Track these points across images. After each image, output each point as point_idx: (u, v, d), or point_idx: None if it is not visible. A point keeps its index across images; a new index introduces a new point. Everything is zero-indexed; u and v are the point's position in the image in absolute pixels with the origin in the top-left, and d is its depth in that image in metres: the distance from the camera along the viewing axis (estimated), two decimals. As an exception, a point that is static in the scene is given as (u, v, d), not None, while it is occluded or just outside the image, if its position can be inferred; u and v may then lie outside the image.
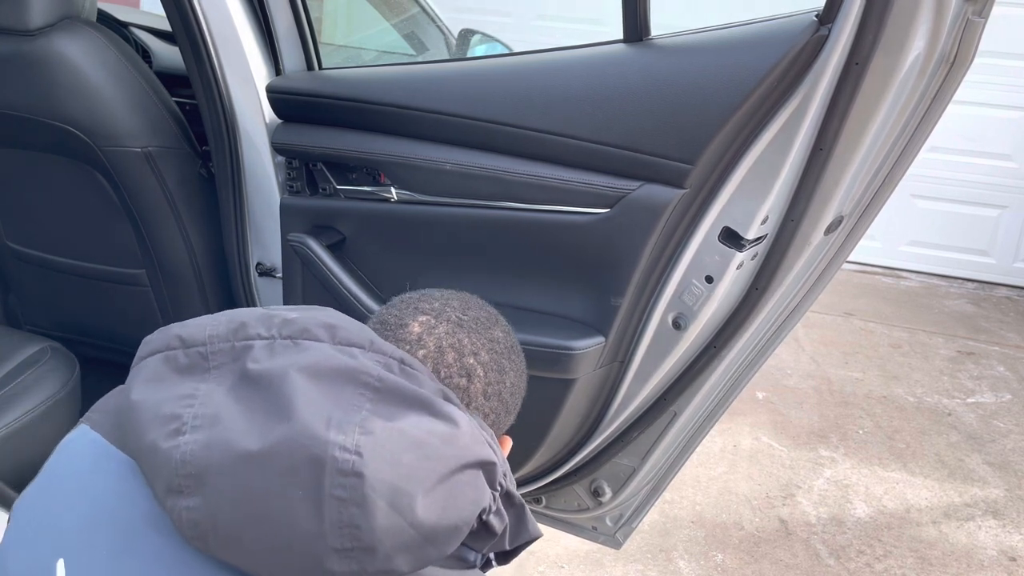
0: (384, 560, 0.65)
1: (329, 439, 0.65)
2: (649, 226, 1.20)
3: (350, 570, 0.65)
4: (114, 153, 1.59)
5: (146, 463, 0.71)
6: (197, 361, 0.74)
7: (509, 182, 1.29)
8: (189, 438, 0.68)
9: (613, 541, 1.69)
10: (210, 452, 0.67)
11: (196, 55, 1.50)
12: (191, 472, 0.67)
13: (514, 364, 0.89)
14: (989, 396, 3.50)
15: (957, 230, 4.84)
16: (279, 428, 0.66)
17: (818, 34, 1.05)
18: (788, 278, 1.26)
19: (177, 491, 0.67)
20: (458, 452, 0.69)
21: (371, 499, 0.64)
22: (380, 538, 0.65)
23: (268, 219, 1.58)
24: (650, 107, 1.16)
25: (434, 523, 0.67)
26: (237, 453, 0.66)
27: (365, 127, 1.41)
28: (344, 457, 0.65)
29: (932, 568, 2.41)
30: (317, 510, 0.64)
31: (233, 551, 0.66)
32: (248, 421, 0.68)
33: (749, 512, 2.60)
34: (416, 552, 0.67)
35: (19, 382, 1.56)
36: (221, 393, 0.71)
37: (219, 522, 0.66)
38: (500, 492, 0.74)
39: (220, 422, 0.68)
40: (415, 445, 0.67)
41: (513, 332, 0.93)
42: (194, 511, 0.66)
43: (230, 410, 0.69)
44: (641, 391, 1.38)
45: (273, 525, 0.65)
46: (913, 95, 1.10)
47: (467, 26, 2.29)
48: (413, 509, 0.66)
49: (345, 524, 0.64)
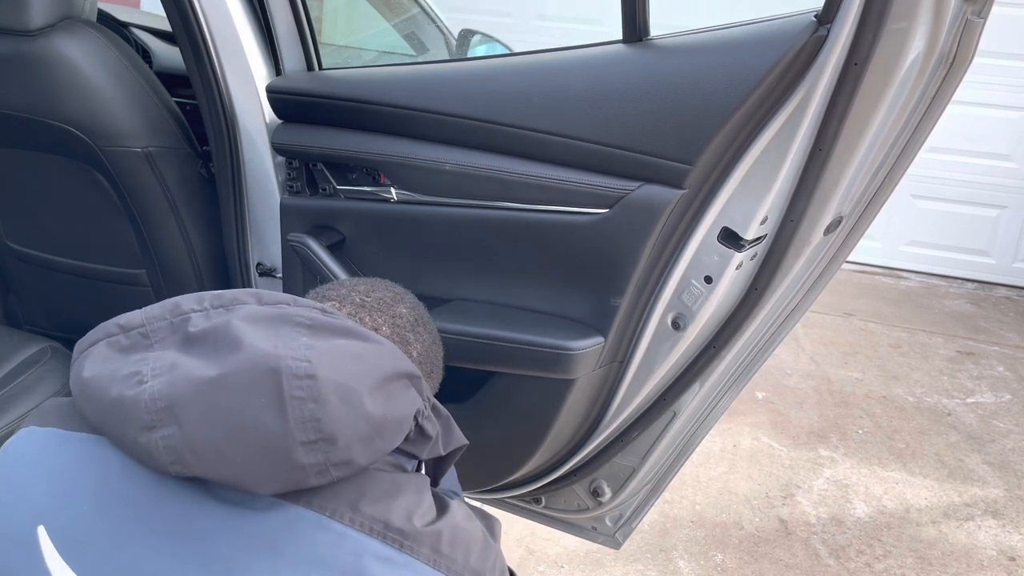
0: (345, 450, 0.74)
1: (280, 354, 0.74)
2: (648, 226, 1.20)
3: (317, 461, 0.73)
4: (114, 153, 1.59)
5: (112, 417, 0.76)
6: (138, 340, 0.81)
7: (509, 182, 1.29)
8: (152, 383, 0.75)
9: (613, 541, 1.69)
10: (175, 387, 0.74)
11: (196, 55, 1.50)
12: (161, 407, 0.74)
13: (419, 335, 0.99)
14: (989, 396, 3.50)
15: (957, 230, 4.85)
16: (233, 356, 0.75)
17: (817, 34, 1.05)
18: (787, 278, 1.26)
19: (150, 427, 0.74)
20: (389, 363, 0.80)
21: (325, 395, 0.73)
22: (339, 428, 0.73)
23: (268, 219, 1.58)
24: (649, 107, 1.16)
25: (381, 415, 0.76)
26: (200, 380, 0.74)
27: (365, 127, 1.41)
28: (297, 364, 0.74)
29: (932, 568, 2.41)
30: (281, 410, 0.72)
31: (213, 465, 0.73)
32: (203, 361, 0.76)
33: (749, 512, 2.60)
34: (369, 443, 0.76)
35: (19, 382, 1.56)
36: (171, 352, 0.78)
37: (196, 441, 0.73)
38: (428, 404, 0.85)
39: (177, 367, 0.76)
40: (353, 356, 0.78)
41: (421, 307, 1.05)
42: (170, 438, 0.73)
43: (183, 358, 0.77)
44: (641, 391, 1.38)
45: (245, 432, 0.72)
46: (912, 95, 1.11)
47: (467, 26, 2.29)
48: (362, 403, 0.75)
49: (307, 419, 0.73)
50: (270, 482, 0.73)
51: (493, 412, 1.42)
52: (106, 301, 1.88)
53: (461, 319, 1.35)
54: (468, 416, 1.44)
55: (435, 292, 1.42)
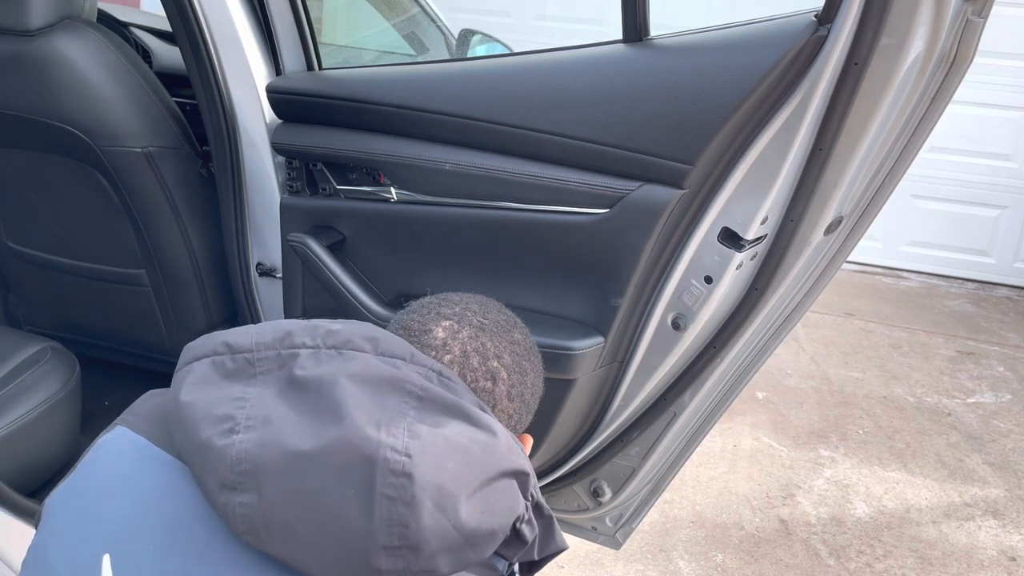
0: (428, 559, 0.68)
1: (381, 440, 0.68)
2: (648, 226, 1.20)
3: (396, 568, 0.68)
4: (114, 153, 1.59)
5: (197, 460, 0.72)
6: (243, 366, 0.76)
7: (509, 182, 1.29)
8: (243, 436, 0.70)
9: (613, 541, 1.69)
10: (264, 450, 0.69)
11: (196, 55, 1.50)
12: (246, 469, 0.69)
13: (533, 365, 0.92)
14: (989, 396, 3.50)
15: (957, 230, 4.84)
16: (331, 429, 0.69)
17: (817, 34, 1.05)
18: (788, 278, 1.26)
19: (231, 487, 0.69)
20: (496, 460, 0.73)
21: (419, 499, 0.67)
22: (427, 537, 0.67)
23: (268, 219, 1.58)
24: (649, 107, 1.16)
25: (475, 527, 0.70)
26: (291, 452, 0.69)
27: (365, 127, 1.41)
28: (395, 458, 0.67)
29: (932, 568, 2.41)
30: (368, 507, 0.67)
31: (284, 546, 0.69)
32: (299, 422, 0.70)
33: (749, 512, 2.60)
34: (457, 554, 0.70)
35: (19, 382, 1.56)
36: (270, 396, 0.73)
37: (272, 518, 0.68)
38: (531, 502, 0.77)
39: (272, 423, 0.71)
40: (459, 451, 0.70)
41: (529, 333, 0.96)
42: (248, 507, 0.69)
43: (281, 412, 0.72)
44: (641, 391, 1.38)
45: (325, 521, 0.67)
46: (913, 95, 1.10)
47: (467, 26, 2.29)
48: (457, 511, 0.69)
49: (394, 522, 0.67)
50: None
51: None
52: (106, 301, 1.88)
53: (461, 319, 1.35)
54: (468, 416, 1.44)
55: (435, 292, 1.42)
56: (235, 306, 1.73)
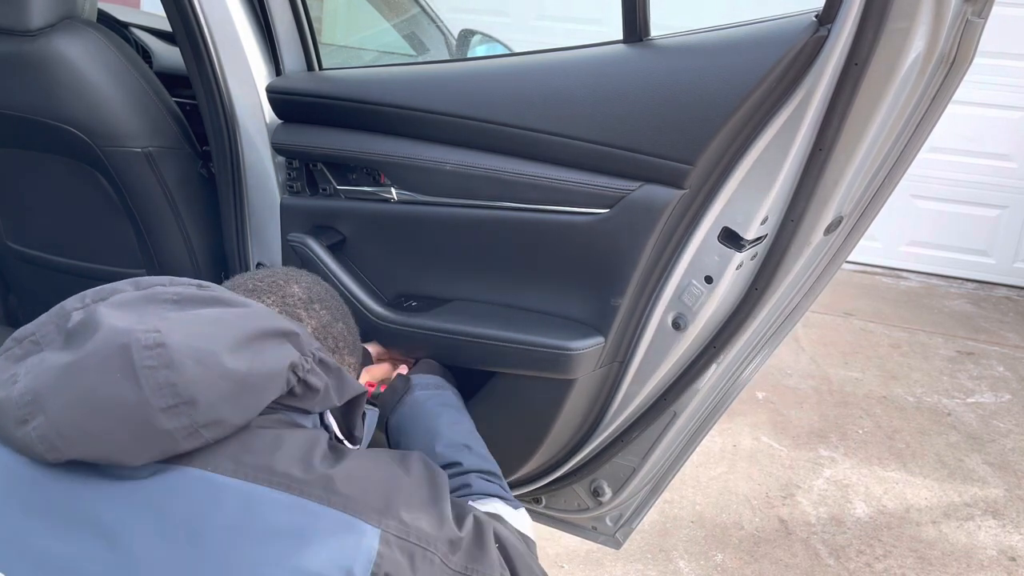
0: (209, 410, 0.75)
1: (131, 328, 0.76)
2: (649, 226, 1.20)
3: (181, 424, 0.74)
4: (114, 153, 1.59)
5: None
6: (29, 348, 0.83)
7: (509, 182, 1.29)
8: (22, 381, 0.78)
9: (613, 541, 1.69)
10: (38, 379, 0.77)
11: (196, 55, 1.50)
12: (28, 400, 0.76)
13: (313, 313, 0.99)
14: (989, 396, 3.50)
15: (957, 230, 4.85)
16: (90, 339, 0.76)
17: (817, 34, 1.05)
18: (788, 278, 1.26)
19: (23, 421, 0.76)
20: (253, 322, 0.80)
21: (178, 359, 0.74)
22: (197, 389, 0.74)
23: (268, 219, 1.58)
24: (650, 107, 1.16)
25: (245, 371, 0.77)
26: (58, 368, 0.76)
27: (365, 127, 1.41)
28: (146, 336, 0.75)
29: (932, 568, 2.41)
30: (135, 382, 0.74)
31: (82, 445, 0.75)
32: (65, 349, 0.78)
33: (749, 512, 2.60)
34: (236, 400, 0.77)
35: (19, 382, 1.56)
36: (49, 352, 0.80)
37: (62, 426, 0.75)
38: (313, 358, 0.84)
39: (45, 360, 0.78)
40: (211, 320, 0.79)
41: (321, 286, 1.04)
42: (39, 427, 0.75)
43: (52, 354, 0.79)
44: (641, 391, 1.38)
45: (105, 408, 0.74)
46: (913, 95, 1.11)
47: (467, 26, 2.29)
48: (221, 362, 0.76)
49: (162, 384, 0.74)
50: (141, 452, 0.75)
51: (493, 412, 1.42)
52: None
53: (461, 319, 1.35)
54: (468, 416, 1.44)
55: (435, 292, 1.42)
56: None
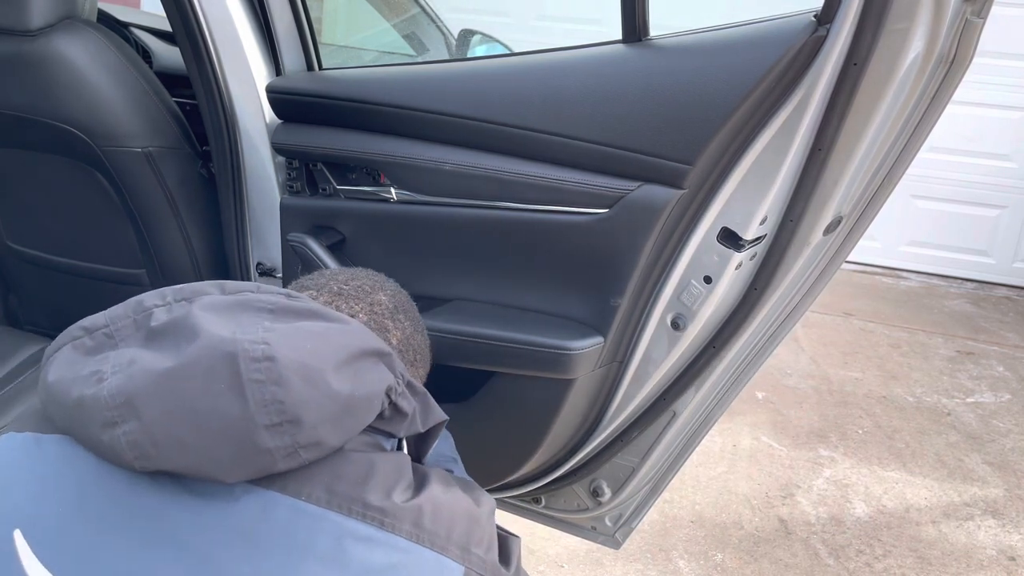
0: (311, 430, 0.72)
1: (237, 338, 0.73)
2: (648, 226, 1.20)
3: (283, 443, 0.72)
4: (114, 153, 1.60)
5: (76, 417, 0.75)
6: (103, 341, 0.80)
7: (509, 182, 1.29)
8: (111, 380, 0.74)
9: (613, 541, 1.69)
10: (132, 381, 0.73)
11: (196, 55, 1.50)
12: (120, 403, 0.72)
13: (399, 323, 0.97)
14: (988, 396, 3.50)
15: (957, 230, 4.85)
16: (191, 345, 0.73)
17: (816, 34, 1.05)
18: (787, 278, 1.26)
19: (111, 423, 0.72)
20: (354, 340, 0.78)
21: (286, 376, 0.72)
22: (303, 409, 0.72)
23: (268, 219, 1.58)
24: (649, 107, 1.16)
25: (349, 393, 0.75)
26: (157, 372, 0.73)
27: (365, 127, 1.41)
28: (254, 347, 0.72)
29: (931, 568, 2.41)
30: (240, 395, 0.71)
31: (176, 456, 0.72)
32: (161, 352, 0.75)
33: (749, 512, 2.61)
34: (338, 423, 0.74)
35: (19, 382, 1.56)
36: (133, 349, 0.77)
37: (157, 434, 0.71)
38: (402, 380, 0.83)
39: (137, 361, 0.75)
40: (314, 335, 0.76)
41: (403, 295, 1.03)
42: (132, 433, 0.72)
43: (143, 353, 0.76)
44: (640, 391, 1.38)
45: (205, 420, 0.71)
46: (912, 95, 1.11)
47: (467, 26, 2.29)
48: (327, 382, 0.73)
49: (269, 401, 0.71)
50: (237, 469, 0.72)
51: (493, 412, 1.42)
52: (106, 301, 1.86)
53: (461, 319, 1.35)
54: (468, 416, 1.44)
55: (435, 292, 1.42)
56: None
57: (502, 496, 1.67)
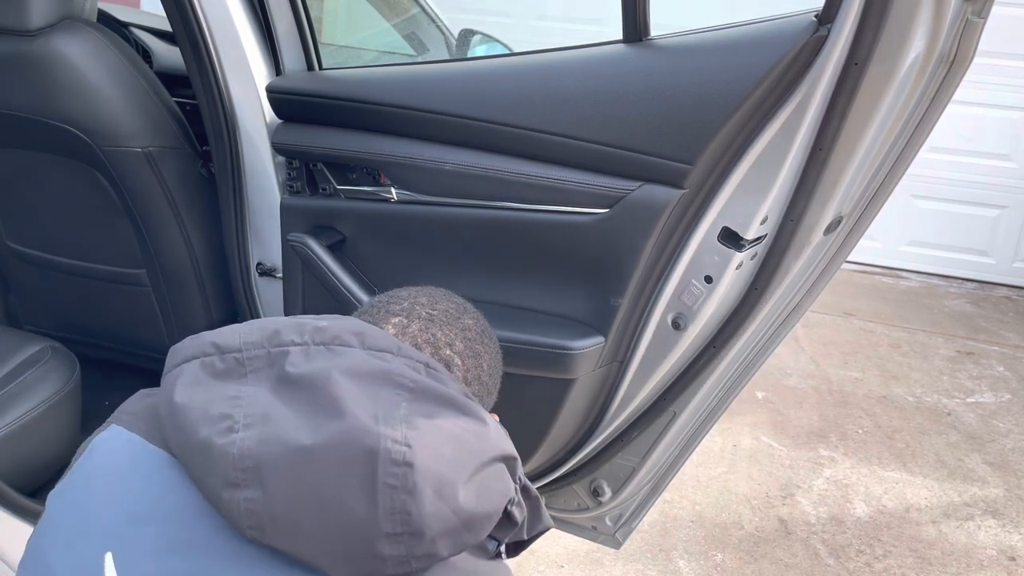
0: (429, 544, 0.71)
1: (381, 432, 0.70)
2: (648, 226, 1.20)
3: (399, 553, 0.70)
4: (114, 153, 1.60)
5: (197, 460, 0.73)
6: (233, 366, 0.77)
7: (509, 182, 1.29)
8: (244, 435, 0.71)
9: (613, 541, 1.69)
10: (266, 447, 0.71)
11: (196, 55, 1.50)
12: (248, 466, 0.70)
13: (487, 347, 0.95)
14: (989, 396, 3.50)
15: (957, 230, 4.85)
16: (331, 424, 0.71)
17: (817, 34, 1.05)
18: (787, 278, 1.26)
19: (234, 484, 0.70)
20: (488, 447, 0.76)
21: (420, 487, 0.69)
22: (428, 523, 0.70)
23: (268, 219, 1.58)
24: (649, 107, 1.16)
25: (472, 510, 0.73)
26: (293, 447, 0.70)
27: (365, 127, 1.41)
28: (396, 448, 0.70)
29: (932, 568, 2.41)
30: (371, 497, 0.69)
31: (291, 539, 0.70)
32: (298, 418, 0.72)
33: (749, 512, 2.60)
34: (456, 537, 0.72)
35: (19, 382, 1.56)
36: (265, 394, 0.74)
37: (277, 512, 0.70)
38: (519, 485, 0.81)
39: (271, 419, 0.72)
40: (454, 439, 0.73)
41: (481, 316, 0.99)
42: (252, 502, 0.70)
43: (278, 408, 0.73)
44: (641, 391, 1.38)
45: (329, 512, 0.69)
46: (912, 95, 1.11)
47: (467, 26, 2.29)
48: (456, 497, 0.71)
49: (397, 510, 0.69)
50: (346, 567, 0.70)
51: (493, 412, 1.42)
52: (106, 301, 1.88)
53: (461, 319, 1.35)
54: (468, 416, 1.44)
55: (435, 292, 1.42)
56: (235, 306, 1.73)
57: (502, 496, 1.67)
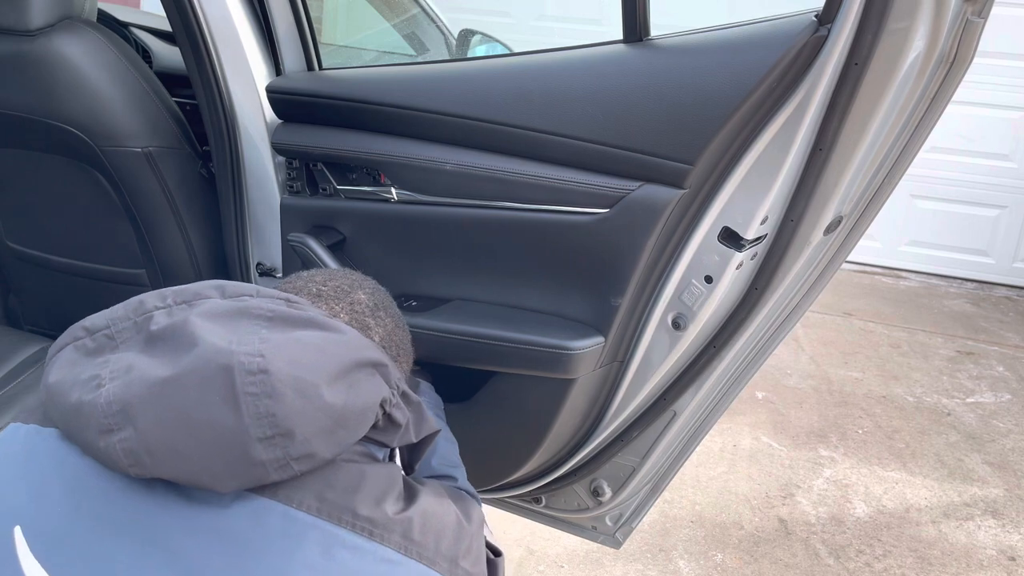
0: (303, 443, 0.73)
1: (233, 350, 0.73)
2: (649, 226, 1.20)
3: (275, 456, 0.73)
4: (114, 153, 1.60)
5: (74, 421, 0.76)
6: (104, 342, 0.80)
7: (509, 182, 1.29)
8: (109, 387, 0.75)
9: (613, 541, 1.69)
10: (130, 389, 0.74)
11: (196, 55, 1.50)
12: (116, 410, 0.73)
13: (380, 320, 0.97)
14: (988, 396, 3.50)
15: (957, 230, 4.85)
16: (188, 355, 0.74)
17: (817, 34, 1.05)
18: (787, 278, 1.26)
19: (108, 430, 0.73)
20: (351, 352, 0.79)
21: (280, 389, 0.72)
22: (296, 421, 0.73)
23: (268, 219, 1.58)
24: (650, 107, 1.16)
25: (342, 406, 0.75)
26: (153, 381, 0.73)
27: (365, 127, 1.41)
28: (250, 360, 0.73)
29: (931, 568, 2.41)
30: (235, 408, 0.72)
31: (170, 465, 0.73)
32: (159, 360, 0.75)
33: (749, 512, 2.60)
34: (330, 435, 0.75)
35: (19, 382, 1.56)
36: (132, 354, 0.78)
37: (151, 443, 0.72)
38: (397, 391, 0.84)
39: (134, 368, 0.75)
40: (311, 347, 0.76)
41: (382, 292, 1.03)
42: (127, 441, 0.73)
43: (141, 359, 0.76)
44: (641, 391, 1.38)
45: (200, 431, 0.72)
46: (912, 95, 1.10)
47: (467, 26, 2.29)
48: (320, 395, 0.74)
49: (262, 414, 0.72)
50: (230, 479, 0.73)
51: (493, 412, 1.42)
52: (106, 301, 1.86)
53: (461, 319, 1.35)
54: (468, 416, 1.44)
55: (435, 292, 1.42)
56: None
57: (502, 496, 1.67)
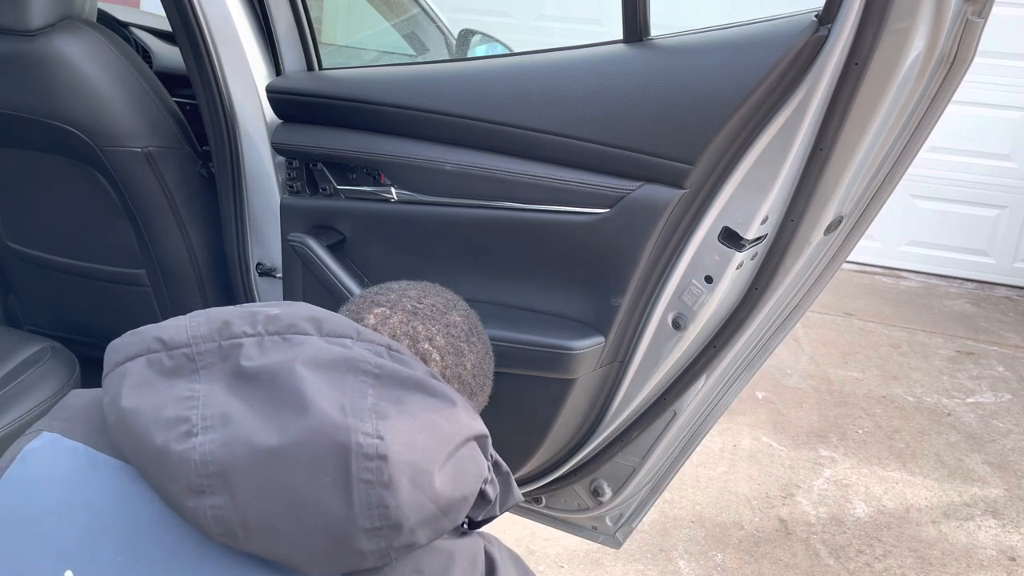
0: (408, 535, 0.69)
1: (350, 426, 0.68)
2: (649, 226, 1.20)
3: (378, 547, 0.68)
4: (114, 153, 1.59)
5: (155, 467, 0.70)
6: (183, 363, 0.73)
7: (509, 182, 1.29)
8: (204, 439, 0.68)
9: (613, 541, 1.69)
10: (230, 450, 0.68)
11: (196, 55, 1.50)
12: (213, 472, 0.67)
13: (473, 347, 0.94)
14: (989, 396, 3.50)
15: (957, 230, 4.85)
16: (297, 421, 0.68)
17: (818, 34, 1.05)
18: (788, 278, 1.26)
19: (199, 491, 0.67)
20: (460, 428, 0.75)
21: (396, 479, 0.67)
22: (406, 514, 0.68)
23: (268, 219, 1.58)
24: (650, 107, 1.16)
25: (449, 495, 0.71)
26: (259, 448, 0.67)
27: (365, 127, 1.41)
28: (368, 442, 0.67)
29: (932, 568, 2.41)
30: (346, 493, 0.67)
31: (265, 542, 0.68)
32: (261, 417, 0.69)
33: (749, 512, 2.60)
34: (434, 524, 0.71)
35: (19, 382, 1.56)
36: (220, 392, 0.71)
37: (249, 516, 0.67)
38: (491, 462, 0.80)
39: (232, 420, 0.69)
40: (426, 426, 0.72)
41: (474, 314, 0.98)
42: (221, 509, 0.67)
43: (237, 408, 0.70)
44: (641, 391, 1.38)
45: (304, 512, 0.67)
46: (913, 95, 1.11)
47: (467, 26, 2.29)
48: (432, 484, 0.70)
49: (374, 504, 0.67)
50: (325, 564, 0.68)
51: (493, 412, 1.42)
52: (106, 301, 1.88)
53: (461, 319, 1.35)
54: (468, 416, 1.43)
55: (435, 292, 1.42)
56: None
57: (502, 496, 1.67)
